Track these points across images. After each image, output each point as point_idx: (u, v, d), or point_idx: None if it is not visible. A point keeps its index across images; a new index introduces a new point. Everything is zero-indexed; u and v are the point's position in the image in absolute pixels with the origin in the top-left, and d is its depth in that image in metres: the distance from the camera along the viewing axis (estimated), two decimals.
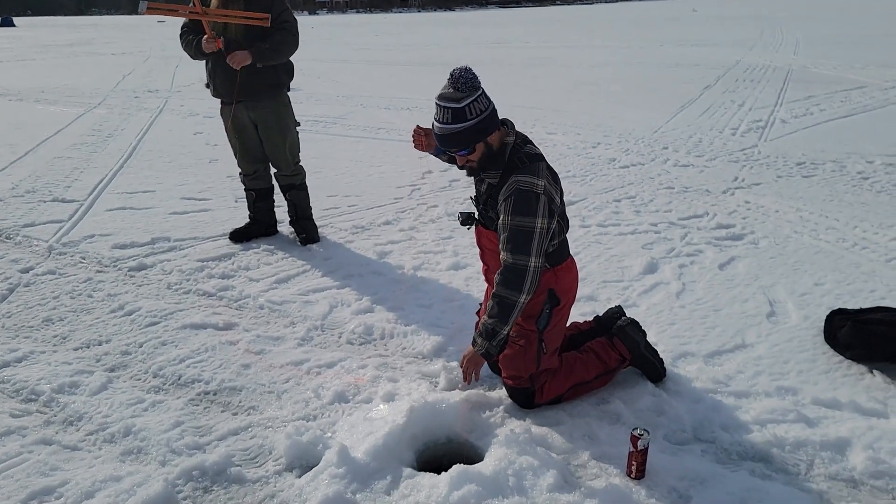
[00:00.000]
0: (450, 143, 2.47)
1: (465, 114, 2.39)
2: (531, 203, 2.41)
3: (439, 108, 2.43)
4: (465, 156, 2.51)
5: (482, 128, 2.43)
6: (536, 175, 2.45)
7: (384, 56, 16.07)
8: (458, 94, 2.39)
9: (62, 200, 5.54)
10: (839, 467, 2.39)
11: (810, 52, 14.90)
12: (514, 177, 2.45)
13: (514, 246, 2.43)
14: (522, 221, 2.42)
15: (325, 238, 4.70)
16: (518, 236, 2.42)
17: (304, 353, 3.23)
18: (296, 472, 2.43)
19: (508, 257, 2.45)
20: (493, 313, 2.49)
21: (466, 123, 2.40)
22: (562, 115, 8.84)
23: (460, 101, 2.39)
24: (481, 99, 2.43)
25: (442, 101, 2.42)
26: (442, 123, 2.43)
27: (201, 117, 9.04)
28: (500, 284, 2.47)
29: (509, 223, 2.43)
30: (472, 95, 2.40)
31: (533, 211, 2.41)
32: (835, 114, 8.46)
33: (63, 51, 18.56)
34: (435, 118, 2.47)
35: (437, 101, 2.44)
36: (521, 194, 2.42)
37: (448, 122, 2.42)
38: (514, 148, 2.53)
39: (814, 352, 3.11)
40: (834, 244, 4.34)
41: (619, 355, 2.85)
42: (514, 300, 2.45)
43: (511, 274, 2.44)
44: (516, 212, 2.42)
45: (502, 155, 2.52)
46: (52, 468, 2.45)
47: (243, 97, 4.22)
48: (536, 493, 2.23)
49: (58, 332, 3.46)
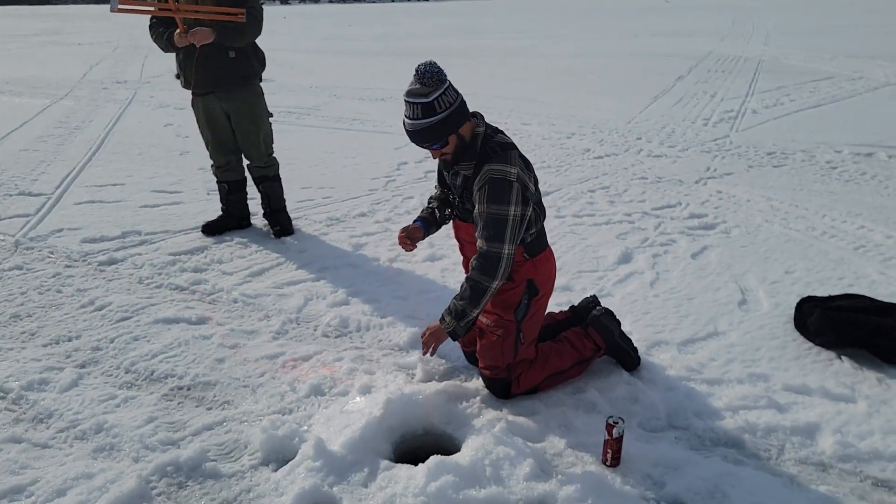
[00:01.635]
0: (422, 137, 2.46)
1: (435, 107, 2.40)
2: (504, 191, 2.43)
3: (409, 104, 2.43)
4: (439, 150, 2.51)
5: (453, 120, 2.44)
6: (509, 163, 2.46)
7: (357, 46, 15.95)
8: (426, 89, 2.40)
9: (29, 194, 5.42)
10: (809, 451, 2.43)
11: (781, 42, 15.09)
12: (486, 166, 2.46)
13: (488, 234, 2.45)
14: (496, 209, 2.43)
15: (299, 230, 4.66)
16: (492, 224, 2.44)
17: (279, 347, 3.20)
18: (272, 466, 2.42)
19: (483, 245, 2.47)
20: (464, 296, 2.52)
21: (437, 117, 2.41)
22: (536, 106, 8.85)
23: (428, 96, 2.39)
24: (449, 91, 2.43)
25: (411, 98, 2.42)
26: (413, 119, 2.44)
27: (172, 109, 8.90)
28: (475, 269, 2.49)
29: (484, 211, 2.45)
30: (439, 89, 2.40)
31: (506, 199, 2.43)
32: (804, 104, 8.59)
33: (28, 41, 18.10)
34: (405, 115, 2.47)
35: (406, 97, 2.44)
36: (494, 182, 2.43)
37: (419, 118, 2.42)
38: (485, 138, 2.54)
39: (784, 339, 3.16)
40: (804, 233, 4.42)
41: (593, 344, 2.88)
42: (486, 285, 2.48)
43: (485, 260, 2.46)
44: (490, 200, 2.43)
45: (474, 146, 2.53)
46: (21, 466, 2.41)
47: (216, 88, 4.16)
48: (513, 482, 2.25)
49: (26, 329, 3.39)
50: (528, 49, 15.25)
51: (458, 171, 2.60)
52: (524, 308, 2.67)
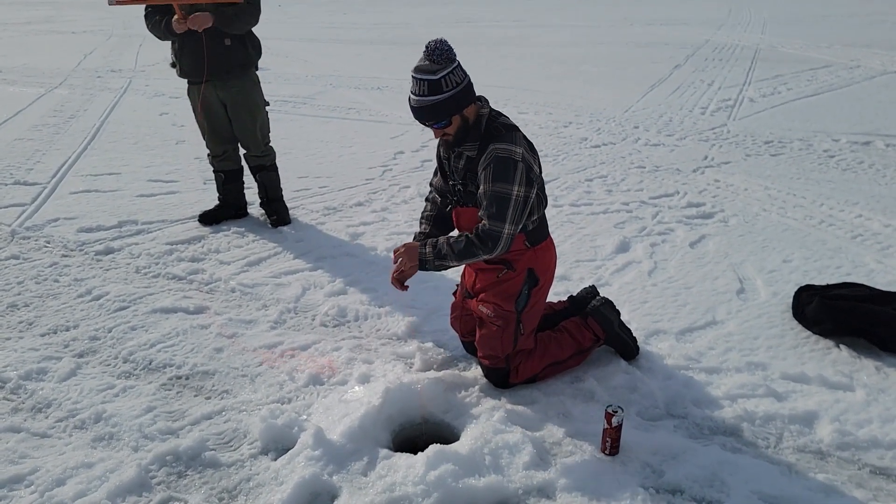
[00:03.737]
0: (426, 115, 2.45)
1: (442, 85, 2.38)
2: (509, 170, 2.43)
3: (415, 80, 2.41)
4: (442, 129, 2.50)
5: (458, 100, 2.43)
6: (514, 143, 2.46)
7: (353, 35, 15.84)
8: (434, 66, 2.38)
9: (24, 183, 5.38)
10: (807, 440, 2.45)
11: (777, 30, 15.05)
12: (491, 145, 2.45)
13: (490, 212, 2.45)
14: (500, 187, 2.43)
15: (296, 220, 4.65)
16: (495, 202, 2.43)
17: (277, 336, 3.20)
18: (271, 455, 2.42)
19: (486, 222, 2.46)
20: (455, 245, 2.49)
21: (443, 95, 2.39)
22: (533, 95, 8.82)
23: (436, 73, 2.38)
24: (457, 71, 2.42)
25: (418, 74, 2.40)
26: (419, 96, 2.42)
27: (167, 97, 8.83)
28: (476, 237, 2.47)
29: (489, 190, 2.44)
30: (448, 67, 2.39)
31: (511, 178, 2.43)
32: (802, 93, 8.57)
33: (21, 29, 17.93)
34: (411, 91, 2.45)
35: (414, 73, 2.42)
36: (500, 161, 2.43)
37: (424, 94, 2.40)
38: (489, 119, 2.53)
39: (782, 327, 3.17)
40: (801, 221, 4.42)
41: (593, 335, 2.87)
42: (478, 252, 2.48)
43: (485, 236, 2.46)
44: (495, 178, 2.43)
45: (478, 127, 2.52)
46: (21, 456, 2.41)
47: (212, 76, 4.13)
48: (512, 471, 2.26)
49: (23, 318, 3.38)
50: (523, 37, 15.17)
51: (462, 153, 2.57)
52: (525, 298, 2.67)
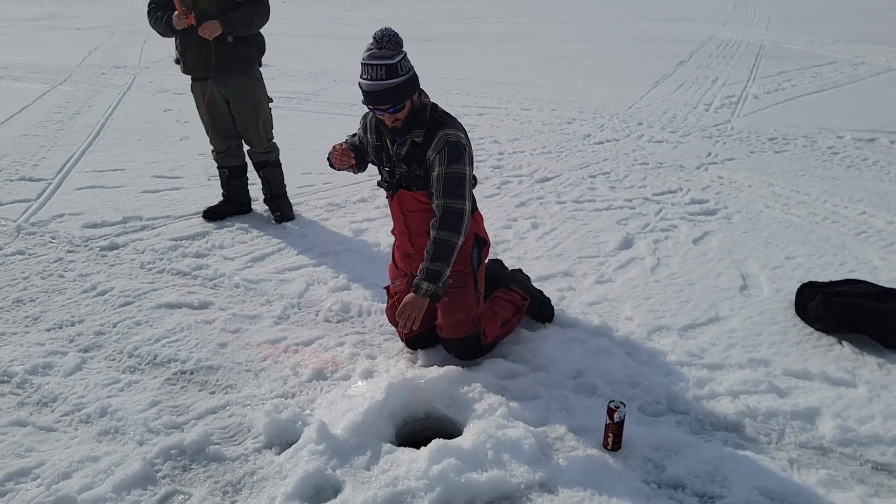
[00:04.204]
0: (382, 98, 2.56)
1: (398, 69, 2.52)
2: (461, 153, 2.63)
3: (370, 66, 2.52)
4: (394, 114, 2.60)
5: (411, 85, 2.58)
6: (459, 129, 2.68)
7: (357, 31, 15.82)
8: (389, 52, 2.52)
9: (29, 179, 5.40)
10: (809, 436, 2.45)
11: (782, 27, 14.99)
12: (441, 131, 2.63)
13: (449, 192, 2.62)
14: (456, 169, 2.62)
15: (300, 216, 4.66)
16: (453, 183, 2.62)
17: (281, 332, 3.21)
18: (275, 449, 2.44)
19: (446, 202, 2.63)
20: (435, 257, 2.61)
21: (399, 79, 2.53)
22: (536, 91, 8.81)
23: (392, 58, 2.52)
24: (407, 58, 2.58)
25: (373, 60, 2.52)
26: (374, 80, 2.52)
27: (171, 94, 8.84)
28: (440, 229, 2.62)
29: (444, 172, 2.62)
30: (400, 53, 2.55)
31: (463, 160, 2.64)
32: (806, 89, 8.55)
33: (25, 25, 17.96)
34: (365, 78, 2.54)
35: (367, 60, 2.52)
36: (452, 145, 2.62)
37: (381, 79, 2.51)
38: (432, 107, 2.71)
39: (785, 324, 3.17)
40: (805, 218, 4.42)
41: (519, 296, 3.11)
42: (454, 242, 2.62)
43: (449, 216, 2.62)
44: (451, 161, 2.61)
45: (423, 114, 2.67)
46: (27, 449, 2.43)
47: (214, 73, 4.13)
48: (515, 465, 2.27)
49: (29, 313, 3.40)
50: (526, 33, 15.14)
51: (407, 139, 2.69)
52: (476, 258, 2.86)
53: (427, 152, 2.65)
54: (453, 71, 10.08)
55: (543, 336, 3.09)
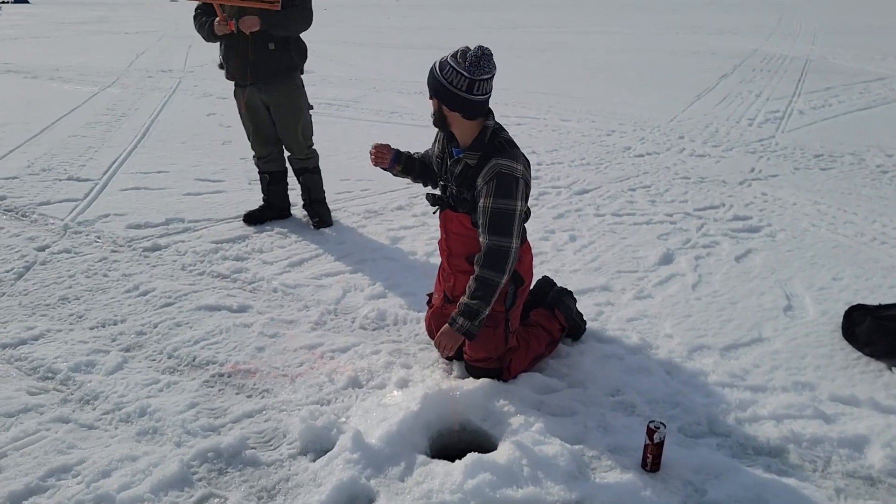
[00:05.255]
0: (437, 92, 2.53)
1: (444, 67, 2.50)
2: (512, 186, 2.50)
3: (455, 71, 2.46)
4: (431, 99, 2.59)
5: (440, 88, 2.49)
6: (517, 160, 2.53)
7: (396, 39, 15.97)
8: (460, 57, 2.47)
9: (77, 179, 5.55)
10: (857, 465, 2.37)
11: (829, 41, 14.70)
12: (494, 160, 2.52)
13: (495, 228, 2.52)
14: (504, 204, 2.50)
15: (338, 222, 4.69)
16: (500, 219, 2.51)
17: (317, 338, 3.22)
18: (310, 455, 2.44)
19: (491, 240, 2.53)
20: (476, 294, 2.55)
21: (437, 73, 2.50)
22: (576, 102, 8.76)
23: (452, 58, 2.48)
24: (461, 78, 2.46)
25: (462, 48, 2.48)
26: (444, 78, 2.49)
27: (215, 98, 9.01)
28: (484, 266, 2.54)
29: (490, 206, 2.51)
30: (458, 67, 2.46)
31: (513, 194, 2.51)
32: (854, 105, 8.35)
33: (76, 28, 18.52)
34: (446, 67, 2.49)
35: (458, 59, 2.47)
36: (503, 177, 2.49)
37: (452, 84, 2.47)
38: (493, 132, 2.59)
39: (831, 347, 3.08)
40: (852, 238, 4.30)
41: (560, 325, 3.02)
42: (497, 281, 2.54)
43: (494, 255, 2.53)
44: (498, 194, 2.50)
45: (482, 138, 2.58)
46: (69, 446, 2.47)
47: (256, 79, 4.19)
48: (551, 483, 2.23)
49: (74, 311, 3.47)
50: (566, 44, 15.10)
51: (461, 159, 2.63)
52: (511, 297, 2.76)
53: (478, 179, 2.56)
54: None
55: (581, 351, 3.05)
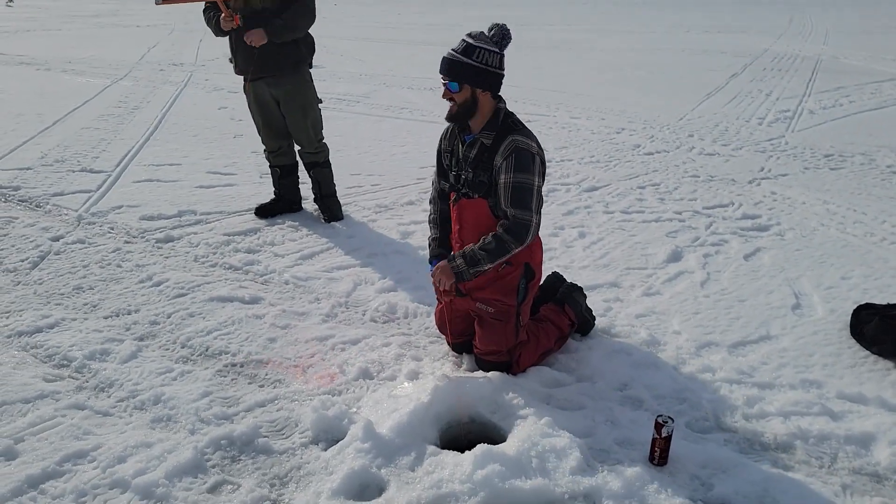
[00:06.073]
0: (444, 65, 2.59)
1: (473, 51, 2.55)
2: (530, 161, 2.58)
3: (461, 39, 2.59)
4: (449, 91, 2.61)
5: (478, 74, 2.56)
6: (530, 137, 2.63)
7: (407, 35, 15.98)
8: (483, 37, 2.57)
9: (90, 171, 5.60)
10: (863, 462, 2.39)
11: (840, 41, 14.63)
12: (511, 137, 2.60)
13: (517, 201, 2.59)
14: (524, 178, 2.58)
15: (348, 216, 4.72)
16: (520, 192, 2.58)
17: (328, 330, 3.26)
18: (321, 445, 2.48)
19: (514, 212, 2.59)
20: (487, 248, 2.61)
21: (467, 59, 2.55)
22: (586, 100, 8.76)
23: (476, 40, 2.56)
24: (495, 55, 2.57)
25: (465, 35, 2.60)
26: (452, 50, 2.59)
27: (226, 92, 9.05)
28: (505, 231, 2.60)
29: (511, 180, 2.58)
30: (489, 46, 2.56)
31: (531, 169, 2.59)
32: (865, 106, 8.32)
33: (89, 21, 18.60)
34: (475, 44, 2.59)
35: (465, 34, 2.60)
36: (521, 152, 2.58)
37: (456, 50, 2.58)
38: (506, 114, 2.68)
39: (839, 345, 3.10)
40: (861, 238, 4.30)
41: (569, 320, 3.04)
42: (511, 247, 2.61)
43: (515, 226, 2.60)
44: (518, 168, 2.57)
45: (496, 118, 2.65)
46: (84, 432, 2.51)
47: (265, 73, 4.21)
48: (559, 475, 2.26)
49: (88, 301, 3.52)
50: (576, 42, 15.08)
51: (477, 140, 2.68)
52: (523, 291, 2.80)
53: (495, 157, 2.61)
54: None
55: (589, 346, 3.07)
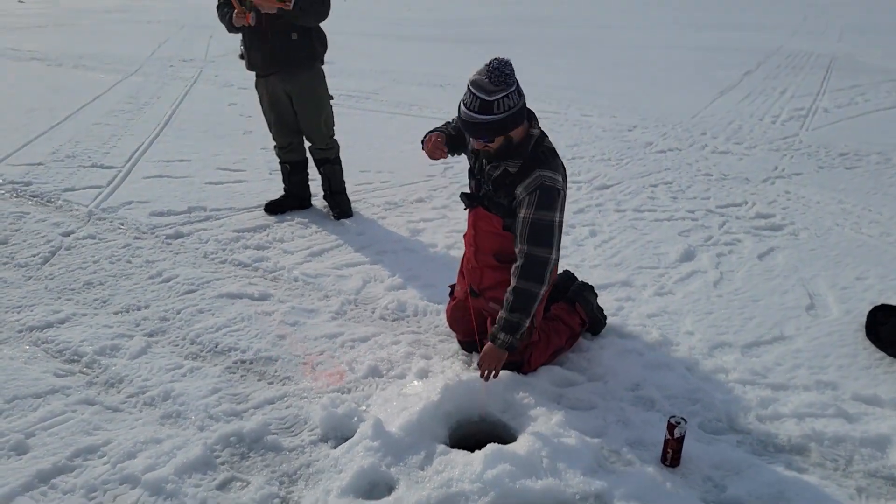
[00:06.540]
0: (471, 130, 2.47)
1: (493, 107, 2.37)
2: (554, 198, 2.50)
3: (470, 93, 2.40)
4: (484, 143, 2.50)
5: (506, 123, 2.43)
6: (557, 171, 2.53)
7: (417, 31, 15.94)
8: (491, 87, 2.36)
9: (101, 166, 5.61)
10: (879, 464, 2.36)
11: (856, 39, 14.47)
12: (538, 171, 2.50)
13: (536, 239, 2.50)
14: (546, 216, 2.49)
15: (357, 213, 4.71)
16: (541, 230, 2.50)
17: (338, 327, 3.25)
18: (331, 442, 2.47)
19: (532, 250, 2.50)
20: (515, 307, 2.53)
21: (492, 117, 2.39)
22: (598, 97, 8.71)
23: (491, 95, 2.36)
24: (513, 95, 2.40)
25: (474, 88, 2.39)
26: (469, 110, 2.42)
27: (235, 88, 9.05)
28: (522, 278, 2.51)
29: (531, 217, 2.49)
30: (504, 91, 2.37)
31: (555, 206, 2.51)
32: (880, 104, 8.22)
33: (100, 17, 18.67)
34: (463, 100, 2.44)
35: (470, 86, 2.41)
36: (546, 190, 2.48)
37: (475, 111, 2.40)
38: (537, 141, 2.56)
39: (854, 347, 3.06)
40: (877, 238, 4.25)
41: (580, 319, 3.03)
42: (536, 292, 2.53)
43: (534, 266, 2.51)
44: (541, 206, 2.48)
45: (525, 146, 2.54)
46: (95, 427, 2.52)
47: (278, 69, 4.20)
48: (570, 476, 2.24)
49: (98, 296, 3.52)
50: (589, 38, 14.99)
51: (501, 165, 2.58)
52: None
53: (517, 188, 2.52)
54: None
55: (601, 346, 3.05)
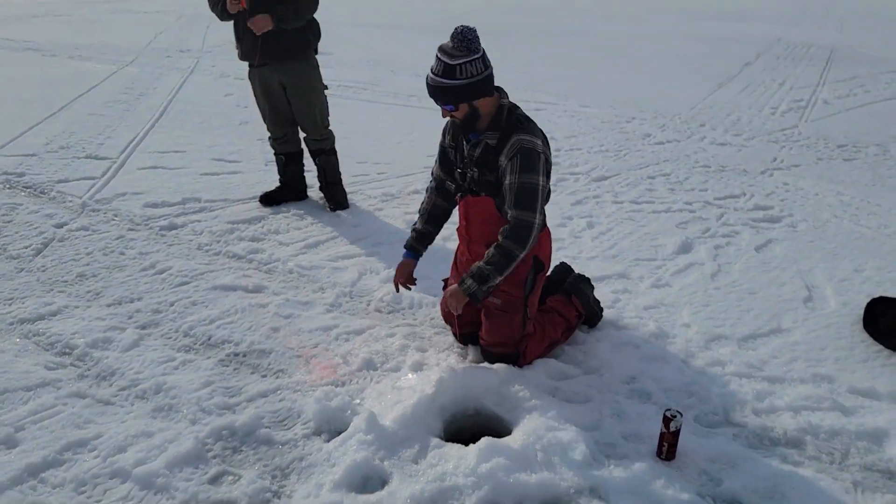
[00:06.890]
0: (435, 94, 2.51)
1: (455, 72, 2.43)
2: (535, 160, 2.50)
3: (436, 58, 2.46)
4: (449, 111, 2.54)
5: (469, 90, 2.46)
6: (535, 135, 2.55)
7: (415, 21, 15.85)
8: (455, 52, 2.43)
9: (95, 157, 5.56)
10: (875, 458, 2.34)
11: (856, 29, 14.41)
12: (515, 136, 2.52)
13: (520, 202, 2.51)
14: (528, 179, 2.50)
15: (354, 205, 4.67)
16: (525, 193, 2.51)
17: (332, 320, 3.23)
18: (324, 436, 2.45)
19: (517, 213, 2.52)
20: (492, 261, 2.55)
21: (454, 82, 2.44)
22: (596, 88, 8.66)
23: (454, 59, 2.42)
24: (476, 62, 2.44)
25: (439, 53, 2.46)
26: (433, 74, 2.48)
27: (232, 79, 8.98)
28: (507, 238, 2.54)
29: (516, 181, 2.51)
30: (467, 57, 2.42)
31: (537, 168, 2.50)
32: (880, 95, 8.19)
33: (97, 7, 18.53)
34: (431, 67, 2.49)
35: (437, 52, 2.46)
36: (526, 152, 2.49)
37: (438, 75, 2.46)
38: (509, 110, 2.58)
39: (852, 339, 3.04)
40: (875, 230, 4.22)
41: (576, 311, 3.00)
42: (517, 254, 2.54)
43: (518, 229, 2.52)
44: (522, 169, 2.49)
45: (499, 117, 2.56)
46: (85, 421, 2.50)
47: (270, 59, 4.16)
48: (565, 469, 2.22)
49: (91, 288, 3.49)
50: (587, 29, 14.91)
51: (481, 140, 2.60)
52: (531, 283, 2.76)
53: (499, 158, 2.54)
54: (511, 65, 9.97)
55: (597, 339, 3.03)
